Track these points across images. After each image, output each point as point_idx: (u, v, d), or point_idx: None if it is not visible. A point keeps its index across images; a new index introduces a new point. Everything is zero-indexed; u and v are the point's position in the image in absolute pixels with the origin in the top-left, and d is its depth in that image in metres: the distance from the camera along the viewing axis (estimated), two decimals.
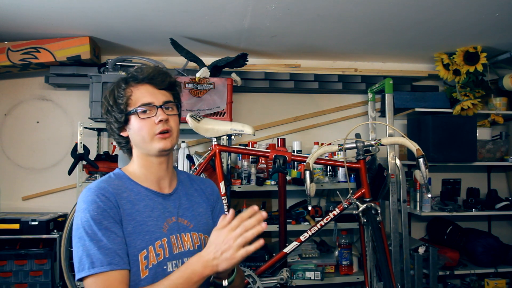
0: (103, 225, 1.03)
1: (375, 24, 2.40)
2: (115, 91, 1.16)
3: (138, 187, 1.16)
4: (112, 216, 1.05)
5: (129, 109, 1.14)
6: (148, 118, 1.14)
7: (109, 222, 1.04)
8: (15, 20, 2.32)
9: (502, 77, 2.97)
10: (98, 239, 1.01)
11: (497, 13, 2.21)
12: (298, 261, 2.70)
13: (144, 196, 1.15)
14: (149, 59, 2.75)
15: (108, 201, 1.06)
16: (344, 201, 1.90)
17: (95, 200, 1.05)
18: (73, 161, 2.49)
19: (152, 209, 1.14)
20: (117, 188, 1.11)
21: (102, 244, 1.01)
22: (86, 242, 1.01)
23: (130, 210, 1.09)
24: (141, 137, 1.15)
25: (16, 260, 2.44)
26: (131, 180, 1.16)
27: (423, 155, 1.72)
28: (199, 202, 1.28)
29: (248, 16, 2.26)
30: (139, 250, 1.07)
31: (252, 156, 2.67)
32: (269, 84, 2.95)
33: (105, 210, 1.05)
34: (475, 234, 2.92)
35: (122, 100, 1.14)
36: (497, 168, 3.28)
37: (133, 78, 1.16)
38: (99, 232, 1.02)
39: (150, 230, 1.10)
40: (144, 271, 1.07)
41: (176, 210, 1.19)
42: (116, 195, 1.09)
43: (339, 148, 1.89)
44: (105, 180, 1.14)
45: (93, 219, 1.03)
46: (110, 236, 1.03)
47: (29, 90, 2.93)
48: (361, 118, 3.21)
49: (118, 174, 1.18)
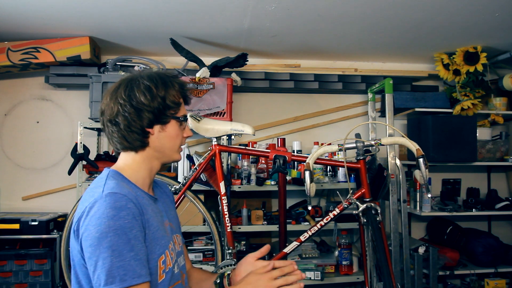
0: (133, 234, 0.97)
1: (375, 24, 2.40)
2: (165, 89, 1.12)
3: (140, 191, 1.12)
4: (141, 225, 1.01)
5: (178, 113, 1.15)
6: (183, 130, 1.19)
7: (138, 230, 0.99)
8: (15, 20, 2.32)
9: (502, 77, 2.97)
10: (130, 248, 0.95)
11: (497, 13, 2.21)
12: (298, 261, 2.69)
13: (147, 200, 1.12)
14: (149, 59, 2.75)
15: (135, 208, 1.01)
16: (344, 201, 1.90)
17: (125, 206, 0.98)
18: (73, 161, 2.49)
19: (156, 213, 1.13)
20: (132, 192, 1.06)
21: (133, 254, 0.95)
22: (116, 252, 0.94)
23: (147, 215, 1.06)
24: (172, 144, 1.16)
25: (16, 260, 2.44)
26: (132, 183, 1.11)
27: (423, 155, 1.72)
28: (170, 203, 1.30)
29: (248, 16, 2.26)
30: (159, 255, 1.06)
31: (252, 156, 2.67)
32: (269, 84, 2.95)
33: (135, 217, 0.99)
34: (475, 234, 2.92)
35: (172, 102, 1.13)
36: (497, 168, 3.28)
37: (181, 88, 1.17)
38: (132, 241, 0.96)
39: (163, 235, 1.11)
40: (161, 275, 1.07)
41: (165, 213, 1.21)
42: (136, 199, 1.04)
43: (339, 148, 1.88)
44: (120, 184, 1.06)
45: (125, 227, 0.96)
46: (140, 246, 0.98)
47: (29, 90, 2.93)
48: (361, 118, 3.21)
49: (118, 176, 1.10)
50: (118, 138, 1.12)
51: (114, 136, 1.12)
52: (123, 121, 1.09)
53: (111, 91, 1.12)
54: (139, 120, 1.09)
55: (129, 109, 1.08)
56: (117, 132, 1.11)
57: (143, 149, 1.14)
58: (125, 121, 1.09)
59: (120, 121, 1.09)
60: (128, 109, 1.08)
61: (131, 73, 1.18)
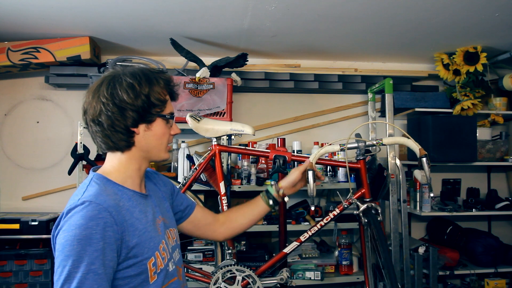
0: (99, 247, 0.93)
1: (375, 24, 2.40)
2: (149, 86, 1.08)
3: (126, 190, 1.10)
4: (112, 236, 0.96)
5: (164, 111, 1.13)
6: (170, 128, 1.17)
7: (106, 243, 0.95)
8: (15, 20, 2.32)
9: (502, 77, 2.98)
10: (91, 261, 0.92)
11: (497, 13, 2.22)
12: (298, 261, 2.70)
13: (135, 200, 1.10)
14: (149, 59, 2.75)
15: (110, 217, 0.97)
16: (344, 201, 1.89)
17: (96, 216, 0.95)
18: (73, 161, 2.49)
19: (145, 212, 1.11)
20: (114, 198, 1.03)
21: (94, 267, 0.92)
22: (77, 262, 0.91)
23: (130, 220, 1.04)
24: (159, 143, 1.14)
25: (16, 260, 2.44)
26: (117, 185, 1.08)
27: (426, 154, 1.72)
28: (162, 196, 1.28)
29: (248, 16, 2.26)
30: (147, 258, 1.05)
31: (252, 156, 2.67)
32: (269, 84, 2.95)
33: (105, 228, 0.96)
34: (475, 234, 2.92)
35: (157, 99, 1.10)
36: (497, 168, 3.28)
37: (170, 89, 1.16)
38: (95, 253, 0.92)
39: (152, 237, 1.09)
40: (153, 277, 1.06)
41: (158, 209, 1.19)
42: (117, 207, 1.01)
43: (340, 148, 1.88)
44: (100, 191, 1.02)
45: (92, 238, 0.93)
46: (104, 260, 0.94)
47: (29, 90, 2.93)
48: (361, 118, 3.22)
49: (101, 179, 1.08)
50: (102, 138, 1.09)
51: (98, 136, 1.10)
52: (106, 120, 1.06)
53: (93, 89, 1.08)
54: (123, 120, 1.06)
55: (112, 108, 1.04)
56: (101, 132, 1.08)
57: (129, 149, 1.11)
58: (109, 120, 1.05)
59: (103, 120, 1.06)
60: (111, 108, 1.04)
61: (114, 70, 1.12)
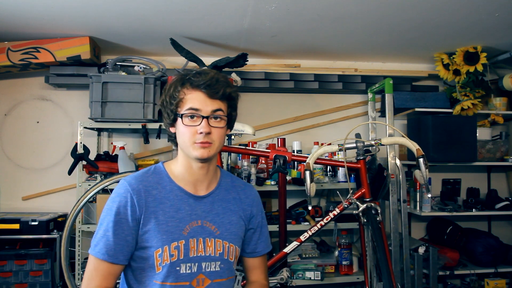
0: (117, 219, 1.12)
1: (375, 24, 2.40)
2: (172, 88, 1.18)
3: (173, 185, 1.20)
4: (129, 215, 1.13)
5: (179, 110, 1.16)
6: (191, 126, 1.14)
7: (122, 218, 1.13)
8: (15, 20, 2.32)
9: (502, 77, 2.97)
10: (107, 229, 1.12)
11: (497, 13, 2.21)
12: (298, 261, 2.70)
13: (175, 195, 1.18)
14: (149, 59, 2.75)
15: (132, 198, 1.14)
16: (344, 201, 1.90)
17: (122, 194, 1.14)
18: (73, 161, 2.49)
19: (177, 209, 1.17)
20: (148, 185, 1.17)
21: (108, 234, 1.12)
22: (101, 226, 1.14)
23: (154, 208, 1.15)
24: (183, 141, 1.17)
25: (16, 260, 2.44)
26: (168, 177, 1.21)
27: (423, 155, 1.72)
28: (234, 209, 1.26)
29: (248, 16, 2.26)
30: (155, 247, 1.13)
31: (252, 156, 2.67)
32: (269, 84, 2.95)
33: (126, 206, 1.13)
34: (475, 234, 2.92)
35: (174, 100, 1.16)
36: (497, 168, 3.28)
37: (190, 82, 1.16)
38: (111, 223, 1.12)
39: (169, 231, 1.14)
40: (158, 267, 1.13)
41: (204, 214, 1.20)
42: (145, 192, 1.16)
43: (339, 148, 1.88)
44: (141, 175, 1.20)
45: (113, 211, 1.13)
46: (118, 232, 1.12)
47: (29, 90, 2.93)
48: (361, 118, 3.21)
49: (158, 168, 1.23)
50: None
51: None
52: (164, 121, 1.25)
53: None
54: (163, 120, 1.23)
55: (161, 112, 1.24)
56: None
57: (177, 146, 1.23)
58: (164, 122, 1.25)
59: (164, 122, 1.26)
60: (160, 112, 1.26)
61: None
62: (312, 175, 1.76)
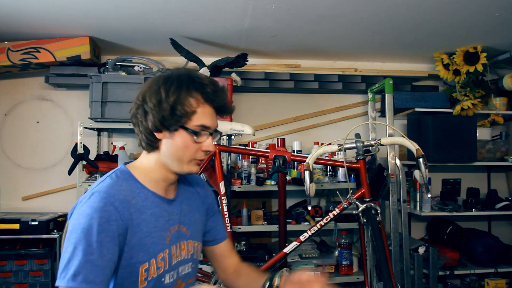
0: (100, 238, 0.95)
1: (375, 24, 2.40)
2: (177, 94, 1.04)
3: (146, 191, 1.08)
4: (115, 230, 0.98)
5: (188, 123, 1.05)
6: (199, 143, 1.07)
7: (107, 236, 0.96)
8: (15, 20, 2.32)
9: (502, 77, 2.97)
10: (91, 251, 0.94)
11: (497, 13, 2.21)
12: (298, 261, 2.70)
13: (151, 202, 1.08)
14: (149, 59, 2.75)
15: (115, 211, 0.99)
16: (344, 201, 1.90)
17: (102, 208, 0.97)
18: (73, 161, 2.49)
19: (157, 217, 1.08)
20: (126, 194, 1.03)
21: (92, 258, 0.94)
22: (77, 250, 0.94)
23: (137, 220, 1.03)
24: (180, 155, 1.07)
25: (16, 260, 2.44)
26: (138, 183, 1.08)
27: (422, 155, 1.72)
28: (197, 207, 1.24)
29: (248, 16, 2.26)
30: (141, 262, 1.03)
31: (252, 156, 2.67)
32: (269, 84, 2.95)
33: (109, 222, 0.97)
34: (475, 234, 2.91)
35: (182, 109, 1.04)
36: (497, 168, 3.28)
37: (203, 93, 1.06)
38: (95, 244, 0.94)
39: (154, 242, 1.06)
40: (143, 282, 1.03)
41: (178, 217, 1.15)
42: (125, 203, 1.02)
43: (339, 148, 1.88)
44: (113, 184, 1.04)
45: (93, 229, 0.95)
46: (103, 252, 0.95)
47: (29, 90, 2.93)
48: (361, 118, 3.21)
49: (124, 174, 1.08)
50: (136, 134, 1.12)
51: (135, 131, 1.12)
52: (135, 119, 1.09)
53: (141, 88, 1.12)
54: (146, 122, 1.06)
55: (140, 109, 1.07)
56: (134, 129, 1.11)
57: (153, 151, 1.09)
58: (137, 120, 1.08)
59: (134, 119, 1.09)
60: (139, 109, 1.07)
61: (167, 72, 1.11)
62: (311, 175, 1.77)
